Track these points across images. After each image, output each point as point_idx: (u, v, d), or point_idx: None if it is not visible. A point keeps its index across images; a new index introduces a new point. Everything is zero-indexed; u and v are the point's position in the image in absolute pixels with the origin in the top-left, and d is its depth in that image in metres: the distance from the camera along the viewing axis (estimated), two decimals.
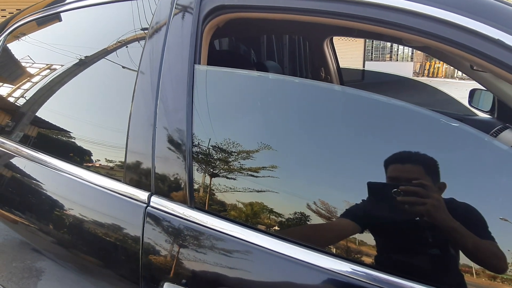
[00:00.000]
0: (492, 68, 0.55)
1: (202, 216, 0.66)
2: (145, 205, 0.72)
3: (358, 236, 0.56)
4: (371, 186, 0.55)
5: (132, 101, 0.75)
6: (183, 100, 0.67)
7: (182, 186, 0.68)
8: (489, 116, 1.69)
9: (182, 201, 0.68)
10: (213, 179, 0.66)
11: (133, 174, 0.75)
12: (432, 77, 17.22)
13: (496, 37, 0.53)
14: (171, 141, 0.69)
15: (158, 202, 0.71)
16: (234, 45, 2.42)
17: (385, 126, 0.58)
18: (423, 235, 0.56)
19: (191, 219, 0.66)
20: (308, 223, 0.59)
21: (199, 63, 0.69)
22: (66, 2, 1.09)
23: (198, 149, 0.67)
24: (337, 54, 1.85)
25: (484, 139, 0.53)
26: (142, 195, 0.73)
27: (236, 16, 0.71)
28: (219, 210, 0.65)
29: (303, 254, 0.57)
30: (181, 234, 0.67)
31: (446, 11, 0.56)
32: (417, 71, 18.28)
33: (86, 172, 0.84)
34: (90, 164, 0.87)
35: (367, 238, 0.56)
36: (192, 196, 0.67)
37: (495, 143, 0.54)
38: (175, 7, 0.76)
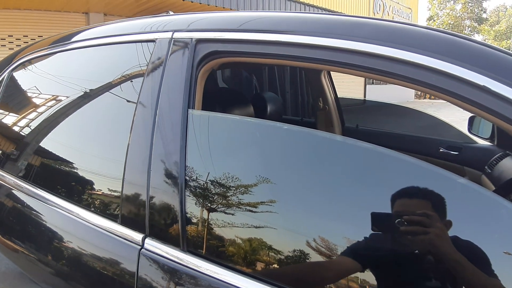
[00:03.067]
0: (481, 113, 0.55)
1: (195, 260, 0.65)
2: (139, 247, 0.72)
3: (359, 274, 0.55)
4: (374, 217, 0.54)
5: (127, 150, 0.77)
6: (177, 144, 0.68)
7: (176, 229, 0.68)
8: (489, 143, 1.68)
9: (176, 244, 0.68)
10: (206, 223, 0.66)
11: (128, 215, 0.75)
12: (434, 99, 17.31)
13: (482, 84, 0.54)
14: (164, 185, 0.70)
15: (152, 244, 0.71)
16: (237, 71, 2.48)
17: (377, 174, 0.59)
18: (426, 269, 0.54)
19: (184, 263, 0.66)
20: (308, 269, 0.58)
21: (193, 107, 0.71)
22: (72, 41, 1.13)
23: (191, 193, 0.68)
24: (339, 77, 1.87)
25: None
26: (137, 236, 0.73)
27: (229, 60, 0.74)
28: (212, 253, 0.65)
29: None
30: (175, 278, 0.67)
31: (433, 59, 0.57)
32: (419, 94, 18.40)
33: (83, 211, 0.85)
34: (86, 202, 0.87)
35: (369, 274, 0.55)
36: (185, 239, 0.67)
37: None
38: (170, 51, 0.79)
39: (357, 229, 0.56)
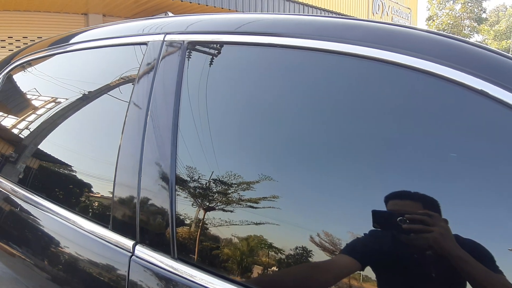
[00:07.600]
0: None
1: (185, 267, 0.64)
2: (130, 254, 0.71)
3: (360, 273, 0.53)
4: (376, 214, 0.52)
5: (118, 154, 0.76)
6: (168, 148, 0.67)
7: (166, 236, 0.67)
8: None
9: (166, 252, 0.67)
10: (196, 230, 0.64)
11: (119, 221, 0.74)
12: None
13: (480, 88, 0.53)
14: (155, 191, 0.68)
15: (142, 251, 0.69)
16: None
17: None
18: (430, 267, 0.53)
19: (174, 271, 0.64)
20: (308, 274, 0.56)
21: None
22: (66, 43, 1.12)
23: (182, 199, 0.66)
24: None
25: None
26: (128, 243, 0.72)
27: None
28: (202, 261, 0.63)
29: None
30: (164, 286, 0.65)
31: (429, 62, 0.55)
32: None
33: (76, 217, 0.83)
34: (79, 208, 0.86)
35: (371, 275, 0.53)
36: (175, 246, 0.66)
37: None
38: (162, 54, 0.77)
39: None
